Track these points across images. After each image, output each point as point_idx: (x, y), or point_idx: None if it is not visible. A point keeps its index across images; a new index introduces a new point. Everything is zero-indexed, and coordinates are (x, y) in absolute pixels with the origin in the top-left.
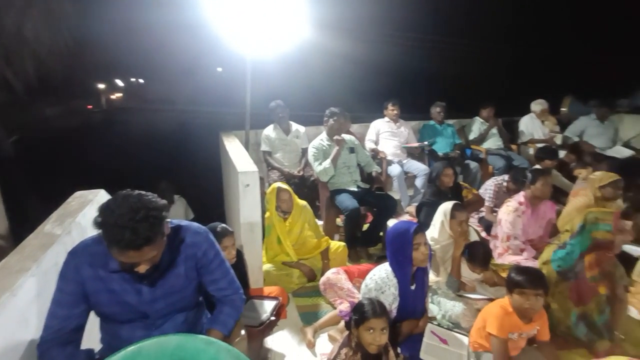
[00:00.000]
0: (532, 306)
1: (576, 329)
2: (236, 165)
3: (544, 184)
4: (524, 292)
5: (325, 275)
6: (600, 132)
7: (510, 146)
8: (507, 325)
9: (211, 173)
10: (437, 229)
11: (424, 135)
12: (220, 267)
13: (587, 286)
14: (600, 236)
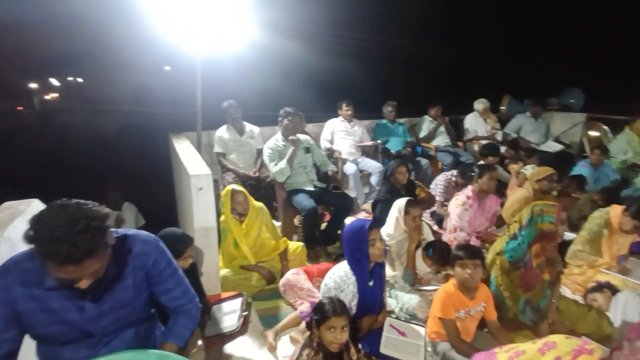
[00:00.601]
0: (472, 276)
1: (523, 314)
2: (188, 168)
3: (490, 178)
4: (463, 263)
5: (285, 277)
6: (534, 129)
7: (457, 143)
8: (451, 304)
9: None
10: (392, 225)
11: (377, 134)
12: (172, 275)
13: (533, 273)
14: (545, 227)
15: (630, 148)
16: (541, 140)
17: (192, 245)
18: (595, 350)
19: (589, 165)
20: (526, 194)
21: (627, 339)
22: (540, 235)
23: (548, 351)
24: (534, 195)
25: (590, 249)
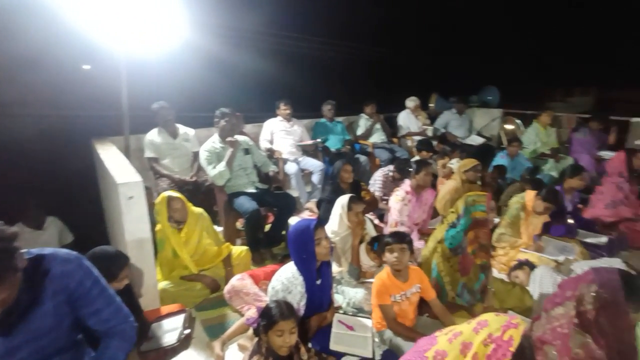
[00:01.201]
0: (399, 259)
1: (461, 297)
2: (115, 176)
3: (426, 174)
4: (391, 247)
5: (230, 283)
6: (459, 124)
7: (392, 139)
8: (386, 290)
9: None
10: (336, 222)
11: (317, 133)
12: (101, 295)
13: (469, 259)
14: (478, 215)
15: (539, 139)
16: (465, 134)
17: (128, 265)
18: (520, 324)
19: (507, 156)
20: (455, 185)
21: (544, 310)
22: (474, 223)
23: (481, 329)
24: (463, 185)
25: (512, 232)
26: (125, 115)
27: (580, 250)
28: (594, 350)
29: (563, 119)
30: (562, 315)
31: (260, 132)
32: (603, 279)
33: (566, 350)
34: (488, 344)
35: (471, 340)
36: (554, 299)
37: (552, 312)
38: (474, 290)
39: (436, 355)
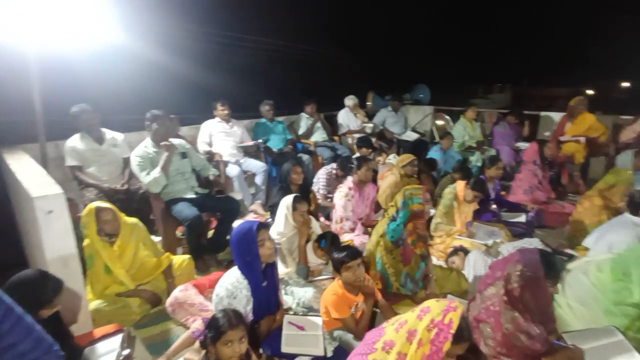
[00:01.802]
0: (358, 276)
1: (404, 286)
2: (29, 189)
3: (367, 169)
4: (349, 266)
5: (172, 295)
6: (396, 121)
7: (333, 138)
8: (344, 304)
9: None
10: (281, 223)
11: (258, 134)
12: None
13: (409, 249)
14: (415, 207)
15: (466, 133)
16: (401, 130)
17: (61, 290)
18: (458, 307)
19: (440, 150)
20: (395, 179)
21: (478, 291)
22: (412, 215)
23: (424, 316)
24: (401, 179)
25: (447, 220)
26: (39, 121)
27: (505, 233)
28: (521, 324)
29: (485, 114)
30: (494, 294)
31: (197, 135)
32: (526, 258)
33: (498, 326)
34: (431, 329)
35: (416, 328)
36: (486, 280)
37: (485, 292)
38: (415, 279)
39: (384, 345)
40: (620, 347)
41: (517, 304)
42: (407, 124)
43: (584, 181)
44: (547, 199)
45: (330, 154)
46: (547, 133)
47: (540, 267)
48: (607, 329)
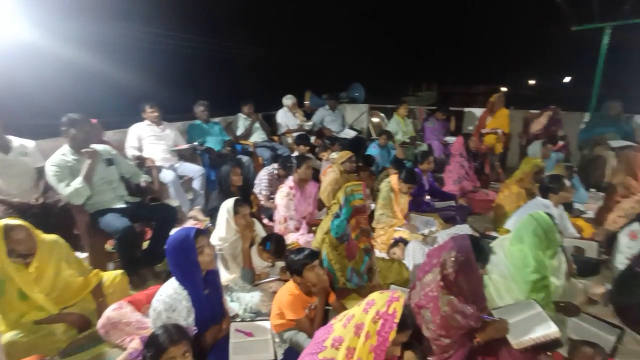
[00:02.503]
0: (320, 274)
1: (350, 281)
2: None
3: (307, 167)
4: (312, 266)
5: (104, 316)
6: (333, 119)
7: (272, 138)
8: (299, 305)
9: None
10: (223, 227)
11: (193, 136)
12: None
13: (353, 244)
14: (357, 203)
15: (400, 129)
16: (340, 129)
17: None
18: (400, 296)
19: (377, 146)
20: (335, 176)
21: (417, 279)
22: (354, 211)
23: (370, 308)
24: (341, 176)
25: (387, 212)
26: None
27: (439, 222)
28: (457, 305)
29: (416, 111)
30: (432, 280)
31: (124, 139)
32: (458, 244)
33: (437, 310)
34: (377, 320)
35: (363, 321)
36: (424, 267)
37: (424, 279)
38: (361, 273)
39: (334, 342)
40: (539, 318)
41: (452, 287)
42: (344, 122)
43: (503, 170)
44: (474, 187)
45: (271, 154)
46: (470, 127)
47: (471, 252)
48: (528, 302)
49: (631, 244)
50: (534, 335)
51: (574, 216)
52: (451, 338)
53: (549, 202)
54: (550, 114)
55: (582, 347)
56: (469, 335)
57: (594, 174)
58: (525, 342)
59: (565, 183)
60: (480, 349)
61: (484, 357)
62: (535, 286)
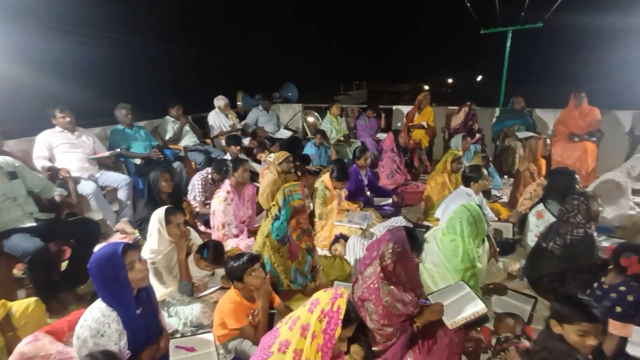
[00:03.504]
0: (262, 278)
1: (295, 282)
2: None
3: (244, 170)
4: (253, 270)
5: (16, 352)
6: (268, 120)
7: (205, 140)
8: (242, 313)
9: None
10: (155, 239)
11: (116, 142)
12: None
13: (295, 245)
14: (296, 204)
15: (333, 128)
16: (275, 129)
17: None
18: (344, 292)
19: (314, 145)
20: (273, 177)
21: (359, 273)
22: (294, 211)
23: (315, 308)
24: (279, 177)
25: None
26: None
27: (376, 215)
28: (396, 294)
29: (348, 109)
30: (372, 273)
31: (31, 149)
32: (395, 236)
33: (379, 301)
34: (322, 319)
35: (308, 321)
36: (365, 261)
37: (365, 273)
38: (304, 273)
39: (280, 346)
40: (468, 298)
41: (391, 277)
42: (279, 122)
43: (430, 163)
44: (405, 180)
45: (204, 157)
46: (399, 124)
47: (407, 242)
48: (458, 284)
49: (538, 223)
50: (465, 314)
51: (492, 201)
52: (393, 326)
53: (471, 190)
54: (467, 109)
55: (504, 319)
56: (409, 321)
57: (506, 163)
58: (459, 321)
59: (484, 172)
60: (419, 333)
61: (423, 340)
62: (465, 274)
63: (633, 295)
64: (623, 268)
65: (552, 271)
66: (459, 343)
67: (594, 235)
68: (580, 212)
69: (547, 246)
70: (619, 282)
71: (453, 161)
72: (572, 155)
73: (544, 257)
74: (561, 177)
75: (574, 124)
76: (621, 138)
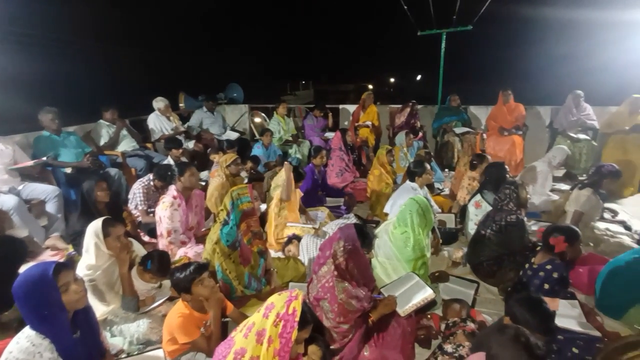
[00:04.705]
0: (212, 287)
1: (249, 287)
2: None
3: (191, 174)
4: (201, 280)
5: None
6: (213, 121)
7: (145, 145)
8: (192, 325)
9: None
10: (92, 254)
11: (41, 150)
12: None
13: (247, 249)
14: (245, 207)
15: (281, 128)
16: (221, 131)
17: None
18: (299, 294)
19: (262, 146)
20: (221, 180)
21: (313, 272)
22: (243, 215)
23: (270, 313)
24: (227, 180)
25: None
26: None
27: (328, 214)
28: (350, 291)
29: (296, 109)
30: (327, 272)
31: None
32: (345, 234)
33: (334, 299)
34: (278, 323)
35: (264, 327)
36: (318, 260)
37: (319, 272)
38: (258, 276)
39: (236, 355)
40: (417, 286)
41: (345, 275)
42: (225, 123)
43: None
44: (354, 178)
45: (145, 163)
46: (346, 122)
47: (357, 239)
48: (408, 274)
49: (477, 212)
50: (415, 301)
51: (435, 194)
52: (349, 323)
53: (416, 185)
54: (410, 109)
55: (451, 305)
56: (363, 316)
57: (446, 157)
58: (409, 309)
59: (427, 167)
60: (374, 326)
61: (377, 332)
62: (416, 264)
63: (557, 272)
64: (551, 247)
65: (491, 256)
66: (412, 332)
67: (525, 221)
68: (512, 200)
69: (485, 233)
70: (546, 261)
71: (386, 154)
72: (503, 148)
73: (483, 243)
74: (494, 169)
75: (503, 119)
76: (543, 131)
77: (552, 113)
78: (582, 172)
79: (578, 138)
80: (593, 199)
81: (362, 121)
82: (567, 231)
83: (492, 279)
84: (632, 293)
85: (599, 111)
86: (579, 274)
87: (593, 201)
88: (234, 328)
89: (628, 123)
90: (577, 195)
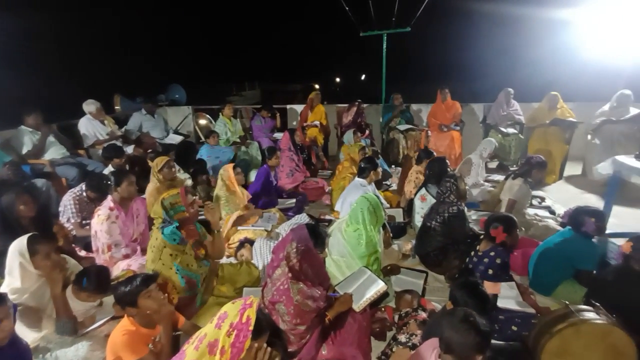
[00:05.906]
0: (160, 300)
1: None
2: None
3: (129, 184)
4: (148, 292)
5: None
6: (154, 125)
7: (77, 152)
8: (139, 342)
9: None
10: (17, 276)
11: None
12: None
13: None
14: (180, 217)
15: (228, 129)
16: (163, 134)
17: None
18: (253, 301)
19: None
20: (155, 185)
21: (268, 276)
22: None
23: (223, 323)
24: (162, 185)
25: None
26: None
27: (280, 216)
28: (306, 291)
29: (242, 110)
30: (281, 274)
31: None
32: (298, 235)
33: (290, 301)
34: (231, 333)
35: (216, 337)
36: (272, 264)
37: (273, 275)
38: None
39: None
40: (370, 280)
41: (299, 276)
42: (167, 126)
43: (327, 159)
44: (305, 177)
45: (77, 172)
46: (294, 122)
47: (309, 239)
48: (360, 270)
49: (423, 205)
50: (368, 295)
51: (383, 190)
52: (306, 324)
53: (365, 181)
54: (356, 108)
55: (403, 296)
56: (320, 316)
57: (392, 153)
58: (364, 303)
59: (377, 163)
60: (330, 325)
61: (334, 330)
62: (369, 260)
63: (500, 258)
64: (492, 237)
65: (436, 246)
66: (367, 326)
67: (465, 211)
68: (452, 192)
69: (430, 225)
70: (489, 248)
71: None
72: (443, 143)
73: (429, 234)
74: (435, 164)
75: (442, 116)
76: (477, 126)
77: (484, 109)
78: (512, 163)
79: (507, 132)
80: (524, 187)
81: (310, 121)
82: (505, 221)
83: (439, 268)
84: (559, 272)
85: (525, 107)
86: (514, 257)
87: (524, 190)
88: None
89: (548, 117)
90: (510, 184)
